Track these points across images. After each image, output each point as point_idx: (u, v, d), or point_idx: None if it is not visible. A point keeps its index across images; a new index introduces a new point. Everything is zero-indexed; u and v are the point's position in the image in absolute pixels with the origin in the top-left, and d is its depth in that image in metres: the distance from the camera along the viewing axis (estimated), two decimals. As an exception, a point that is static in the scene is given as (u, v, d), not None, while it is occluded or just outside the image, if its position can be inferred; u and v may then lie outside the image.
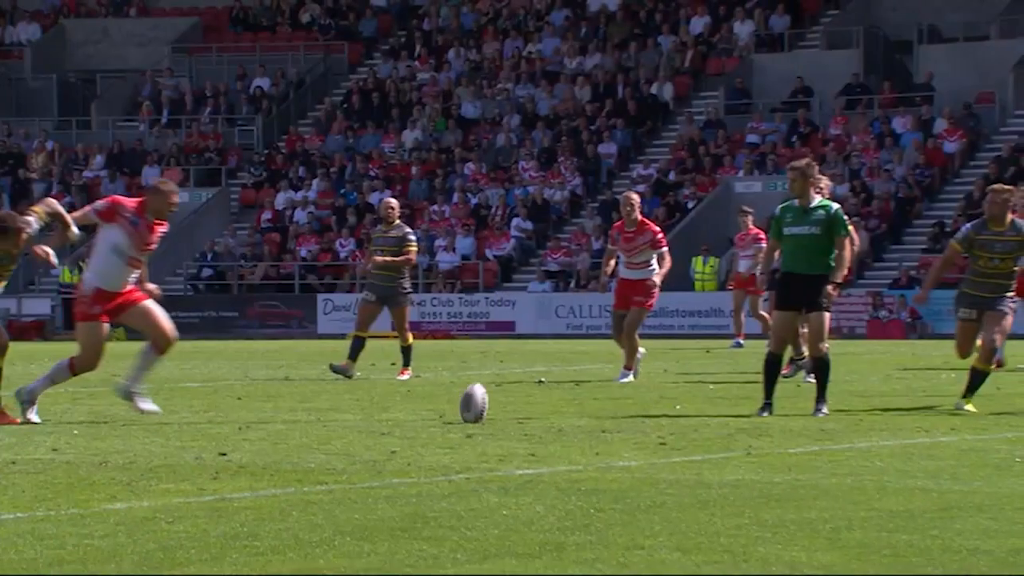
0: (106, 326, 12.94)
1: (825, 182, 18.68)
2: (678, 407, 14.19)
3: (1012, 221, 13.48)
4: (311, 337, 36.39)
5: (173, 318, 13.54)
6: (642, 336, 18.69)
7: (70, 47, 50.78)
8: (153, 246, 13.04)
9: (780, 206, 13.56)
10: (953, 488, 8.80)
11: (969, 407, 13.31)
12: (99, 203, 13.13)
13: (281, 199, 44.29)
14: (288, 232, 42.97)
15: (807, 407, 13.84)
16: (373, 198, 43.50)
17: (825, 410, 13.14)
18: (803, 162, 13.57)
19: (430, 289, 40.51)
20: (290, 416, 13.66)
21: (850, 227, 13.46)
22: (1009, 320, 13.51)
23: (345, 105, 47.13)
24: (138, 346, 13.57)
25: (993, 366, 18.94)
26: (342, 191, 43.72)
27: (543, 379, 18.22)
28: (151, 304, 13.01)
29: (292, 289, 41.29)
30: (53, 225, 13.15)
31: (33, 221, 12.89)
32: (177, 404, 15.05)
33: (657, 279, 17.80)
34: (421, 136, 45.07)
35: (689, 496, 8.56)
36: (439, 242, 41.37)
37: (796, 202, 13.32)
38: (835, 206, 13.40)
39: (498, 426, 12.55)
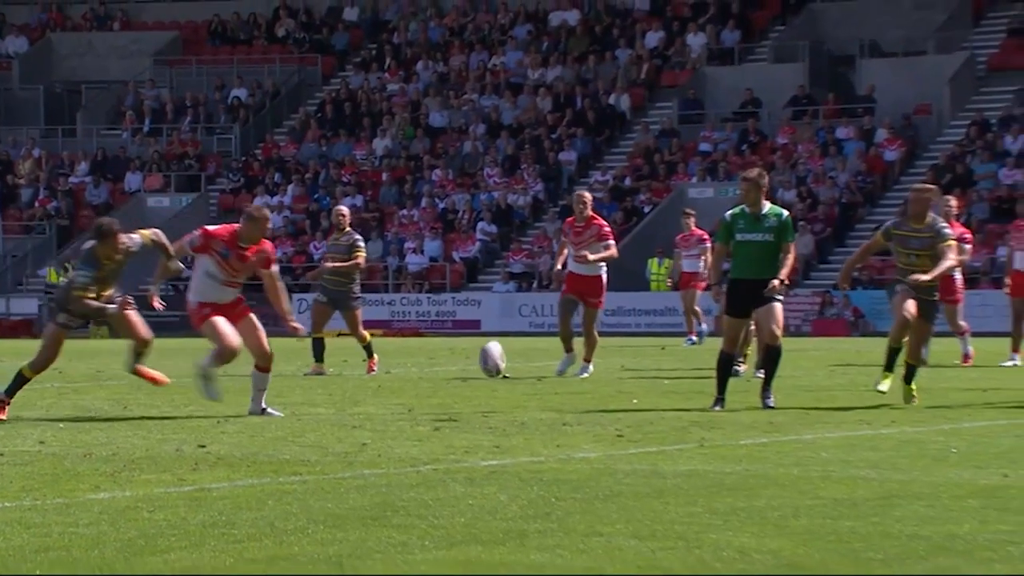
0: (220, 318, 12.67)
1: (954, 201, 18.96)
2: (634, 401, 14.20)
3: (932, 220, 13.24)
4: (286, 335, 36.23)
5: (156, 318, 13.53)
6: (600, 334, 18.70)
7: (56, 59, 50.51)
8: (249, 268, 12.74)
9: (730, 212, 13.37)
10: (893, 477, 8.83)
11: (914, 400, 13.27)
12: (194, 237, 12.75)
13: (258, 204, 44.16)
14: (264, 235, 42.80)
15: (757, 401, 13.86)
16: (346, 203, 43.41)
17: (772, 400, 13.09)
18: (755, 172, 13.37)
19: (399, 289, 40.45)
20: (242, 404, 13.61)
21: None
22: (928, 329, 13.43)
23: (319, 114, 47.01)
24: (118, 344, 13.53)
25: (966, 362, 19.33)
26: (316, 196, 43.61)
27: (508, 375, 18.20)
28: (253, 322, 12.71)
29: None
30: (155, 252, 12.90)
31: (138, 239, 12.59)
32: (158, 399, 14.98)
33: (590, 255, 17.59)
34: (391, 144, 45.00)
35: (645, 486, 8.56)
36: (408, 244, 41.31)
37: (747, 209, 13.19)
38: (785, 213, 13.29)
39: (464, 419, 12.54)
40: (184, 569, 6.39)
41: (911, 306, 13.18)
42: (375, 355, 19.13)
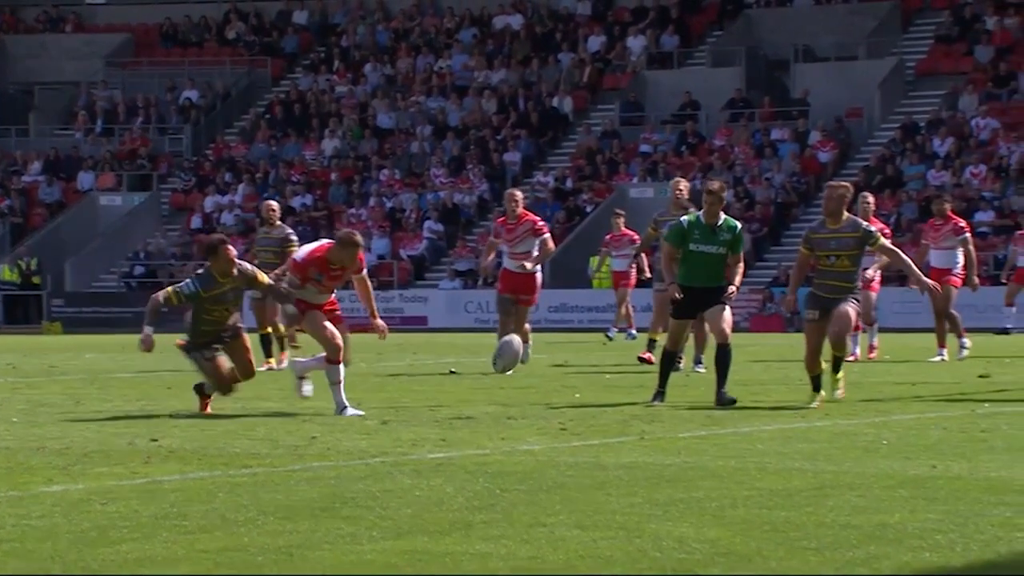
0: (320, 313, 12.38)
1: (871, 198, 18.94)
2: (577, 395, 14.22)
3: (849, 218, 12.70)
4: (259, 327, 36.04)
5: (108, 314, 13.39)
6: (544, 330, 18.70)
7: (10, 61, 50.04)
8: (342, 280, 12.57)
9: (687, 219, 13.15)
10: (827, 469, 8.89)
11: (839, 392, 12.92)
12: (292, 280, 12.40)
13: (209, 203, 43.94)
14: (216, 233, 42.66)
15: (696, 395, 13.94)
16: (295, 202, 43.24)
17: (729, 395, 13.04)
18: (717, 185, 13.12)
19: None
20: (216, 404, 13.55)
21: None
22: (852, 314, 12.56)
23: (268, 116, 46.81)
24: (72, 340, 13.40)
25: (851, 358, 19.24)
26: (266, 195, 43.35)
27: (454, 370, 18.19)
28: (331, 328, 12.52)
29: (219, 286, 40.91)
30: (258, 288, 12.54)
31: (248, 268, 12.24)
32: (111, 393, 14.87)
33: (529, 265, 17.63)
34: (339, 144, 44.87)
35: (587, 477, 8.58)
36: (356, 243, 41.16)
37: (703, 219, 13.03)
38: (739, 226, 13.19)
39: (411, 413, 12.53)
40: (136, 560, 6.34)
41: (815, 344, 12.58)
42: (286, 351, 18.86)
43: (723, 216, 13.09)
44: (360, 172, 43.72)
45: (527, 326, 17.65)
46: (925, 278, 13.35)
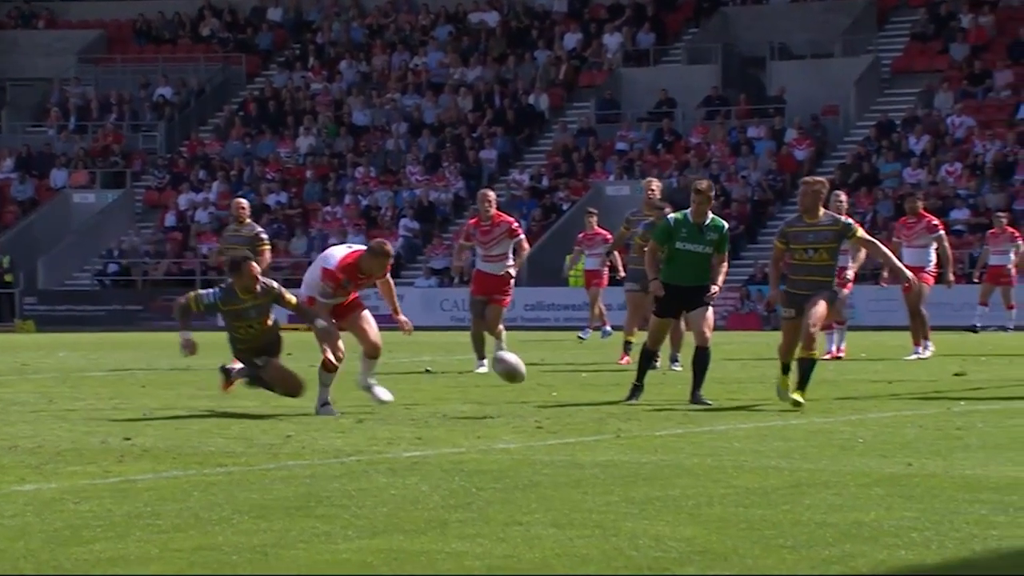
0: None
1: (843, 196, 18.95)
2: (554, 394, 14.23)
3: (827, 213, 12.62)
4: (211, 329, 35.99)
5: (81, 312, 13.31)
6: (520, 328, 18.69)
7: (-19, 57, 49.84)
8: (362, 288, 12.45)
9: (673, 217, 13.12)
10: (803, 467, 8.91)
11: (798, 397, 12.34)
12: (325, 288, 12.14)
13: (183, 200, 43.83)
14: (190, 231, 42.54)
15: (672, 393, 13.95)
16: (270, 199, 43.17)
17: (704, 398, 13.02)
18: (705, 184, 13.09)
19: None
20: (191, 403, 13.51)
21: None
22: (823, 307, 12.35)
23: (243, 113, 46.71)
24: (44, 338, 13.33)
25: (827, 356, 19.24)
26: (240, 193, 43.26)
27: (430, 368, 18.18)
28: (366, 314, 12.40)
29: (193, 284, 40.82)
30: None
31: (274, 286, 12.05)
32: (84, 392, 14.82)
33: (512, 271, 17.64)
34: (315, 142, 44.80)
35: (563, 476, 8.58)
36: (332, 241, 41.12)
37: (691, 218, 13.02)
38: (726, 226, 13.14)
39: (386, 411, 12.52)
40: (109, 560, 6.32)
41: (790, 341, 12.40)
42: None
43: (710, 215, 13.07)
44: (335, 170, 43.66)
45: (500, 327, 17.58)
46: (906, 270, 13.22)
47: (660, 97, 42.72)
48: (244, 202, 19.48)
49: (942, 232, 19.98)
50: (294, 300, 12.30)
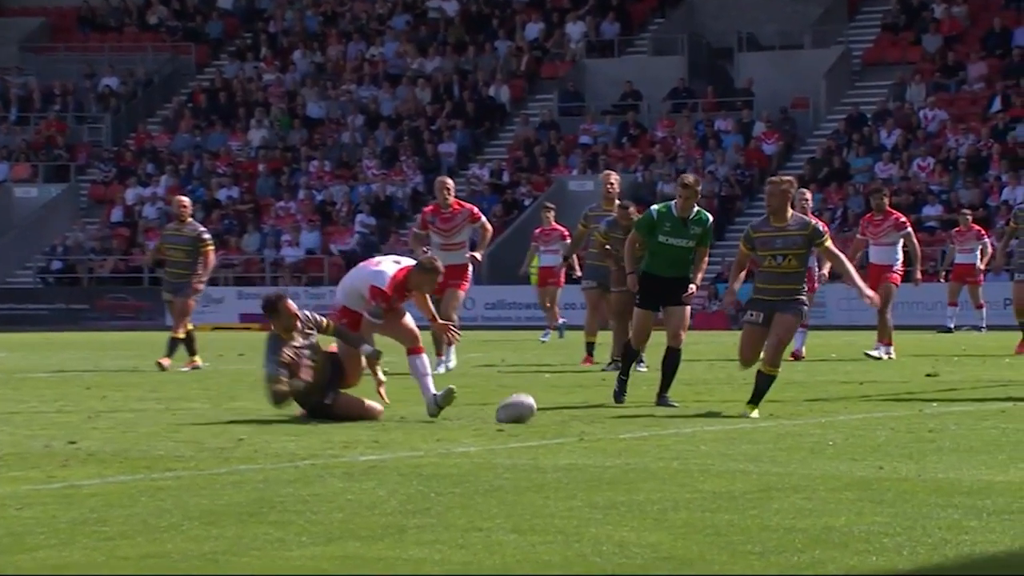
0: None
1: (808, 195, 18.92)
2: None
3: (795, 216, 12.22)
4: (159, 328, 35.89)
5: (23, 311, 13.21)
6: (481, 327, 18.67)
7: (-80, 45, 49.47)
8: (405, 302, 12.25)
9: (657, 210, 13.10)
10: (771, 470, 8.95)
11: (754, 414, 11.97)
12: (375, 310, 11.87)
13: (131, 195, 43.62)
14: (137, 227, 42.34)
15: (638, 395, 13.98)
16: (221, 194, 43.03)
17: (671, 401, 13.05)
18: (692, 178, 13.07)
19: (276, 282, 40.17)
20: (139, 405, 13.46)
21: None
22: (791, 327, 12.09)
23: (192, 104, 46.53)
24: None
25: (790, 357, 19.26)
26: (190, 187, 43.14)
27: (387, 369, 18.15)
28: (407, 318, 12.15)
29: (141, 282, 40.68)
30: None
31: (317, 319, 11.77)
32: (26, 394, 14.74)
33: (479, 255, 17.57)
34: (267, 135, 44.67)
35: (525, 480, 8.60)
36: (285, 237, 41.06)
37: (675, 211, 13.01)
38: (710, 219, 13.14)
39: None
40: (54, 568, 6.29)
41: (751, 346, 12.05)
42: (171, 357, 18.60)
43: (696, 208, 13.09)
44: (289, 164, 43.55)
45: (455, 315, 17.49)
46: (866, 288, 12.70)
47: (625, 89, 42.80)
48: (186, 200, 19.33)
49: (910, 229, 20.03)
50: (333, 326, 11.92)
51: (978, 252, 27.27)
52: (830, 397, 13.98)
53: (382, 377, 12.16)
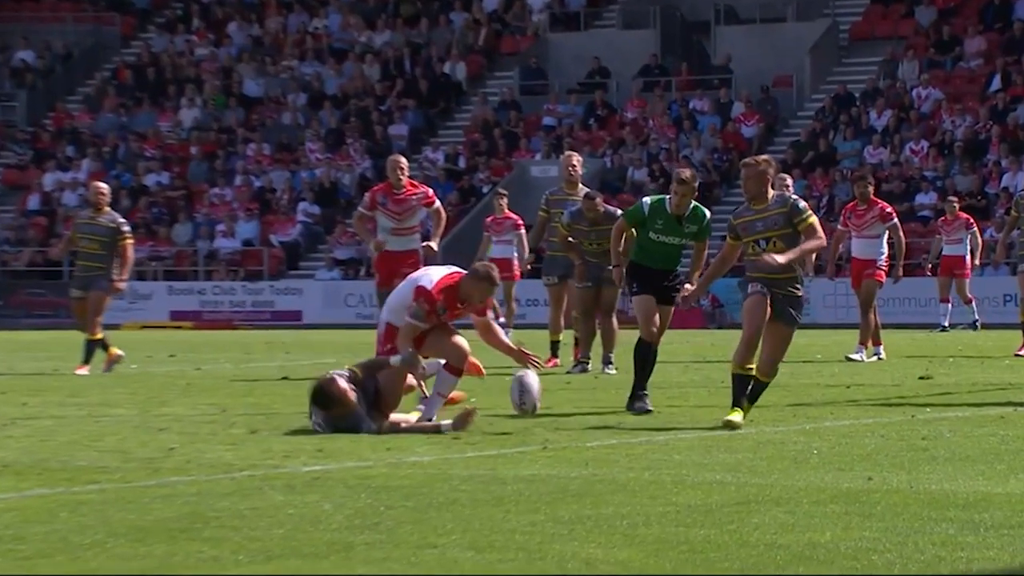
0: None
1: (789, 180, 18.84)
2: (472, 400, 14.26)
3: (776, 195, 11.99)
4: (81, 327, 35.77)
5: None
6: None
7: None
8: (458, 318, 12.16)
9: (650, 203, 13.12)
10: (751, 482, 9.00)
11: (735, 416, 11.73)
12: (417, 311, 11.75)
13: (49, 180, 43.40)
14: (56, 216, 42.12)
15: (606, 399, 14.02)
16: (149, 180, 42.87)
17: (647, 404, 13.07)
18: (688, 173, 13.13)
19: (211, 276, 40.08)
20: (59, 411, 13.42)
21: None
22: (788, 337, 11.78)
23: (117, 81, 46.35)
24: None
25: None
26: (115, 172, 42.99)
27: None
28: (459, 338, 12.06)
29: (60, 276, 40.47)
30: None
31: (353, 389, 11.54)
32: (-65, 400, 14.66)
33: (435, 245, 17.33)
34: (200, 115, 44.54)
35: (483, 492, 8.62)
36: (220, 227, 40.97)
37: (669, 208, 13.02)
38: (707, 216, 13.19)
39: (283, 420, 12.49)
40: (-34, 591, 6.28)
41: (762, 316, 11.63)
42: (90, 362, 18.51)
43: (692, 204, 13.10)
44: (224, 146, 43.44)
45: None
46: (780, 257, 11.66)
47: (592, 66, 42.88)
48: (104, 187, 19.14)
49: (896, 221, 20.04)
50: (359, 370, 11.66)
51: (967, 242, 27.32)
52: (815, 402, 14.06)
53: (426, 391, 12.08)
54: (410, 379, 11.89)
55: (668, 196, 13.17)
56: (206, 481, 9.13)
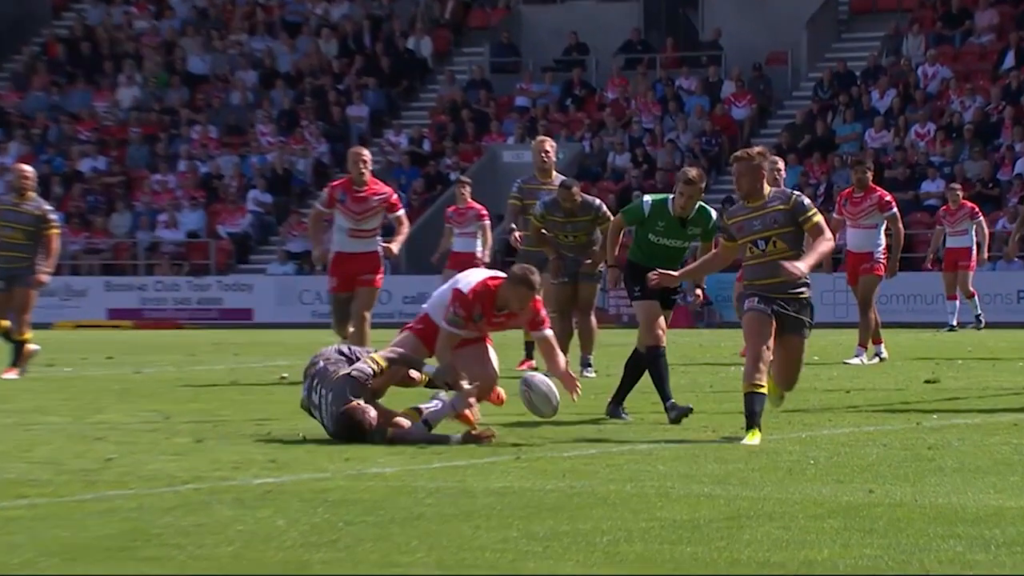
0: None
1: (781, 164, 18.80)
2: (437, 404, 14.26)
3: (775, 191, 11.80)
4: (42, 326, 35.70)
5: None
6: (398, 325, 18.59)
7: None
8: (500, 330, 12.15)
9: (651, 202, 13.14)
10: (742, 495, 9.03)
11: (752, 439, 11.42)
12: (455, 316, 11.72)
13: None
14: (-18, 204, 42.05)
15: (584, 405, 14.02)
16: (84, 165, 42.75)
17: (626, 414, 13.10)
18: (695, 172, 13.12)
19: (152, 271, 40.00)
20: (-14, 419, 13.39)
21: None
22: (803, 348, 11.72)
23: (47, 57, 46.20)
24: None
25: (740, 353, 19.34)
26: (46, 157, 42.85)
27: (286, 375, 18.16)
28: (489, 350, 12.06)
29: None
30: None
31: (367, 370, 11.59)
32: None
33: (396, 247, 17.27)
34: (140, 94, 44.43)
35: (451, 506, 8.63)
36: (162, 217, 40.89)
37: (670, 206, 13.05)
38: (715, 216, 13.16)
39: (232, 428, 12.49)
40: None
41: (766, 332, 11.44)
42: (20, 366, 18.42)
43: (697, 205, 13.12)
44: (166, 129, 43.36)
45: (367, 314, 17.38)
46: (794, 265, 11.43)
47: (569, 42, 42.91)
48: (28, 169, 19.01)
49: (895, 210, 20.04)
50: (383, 362, 11.74)
51: (972, 233, 27.31)
52: (812, 408, 14.10)
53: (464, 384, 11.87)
54: (413, 374, 11.91)
55: (671, 195, 13.20)
56: (147, 495, 9.13)
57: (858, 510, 8.47)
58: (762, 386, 11.55)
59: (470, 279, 12.04)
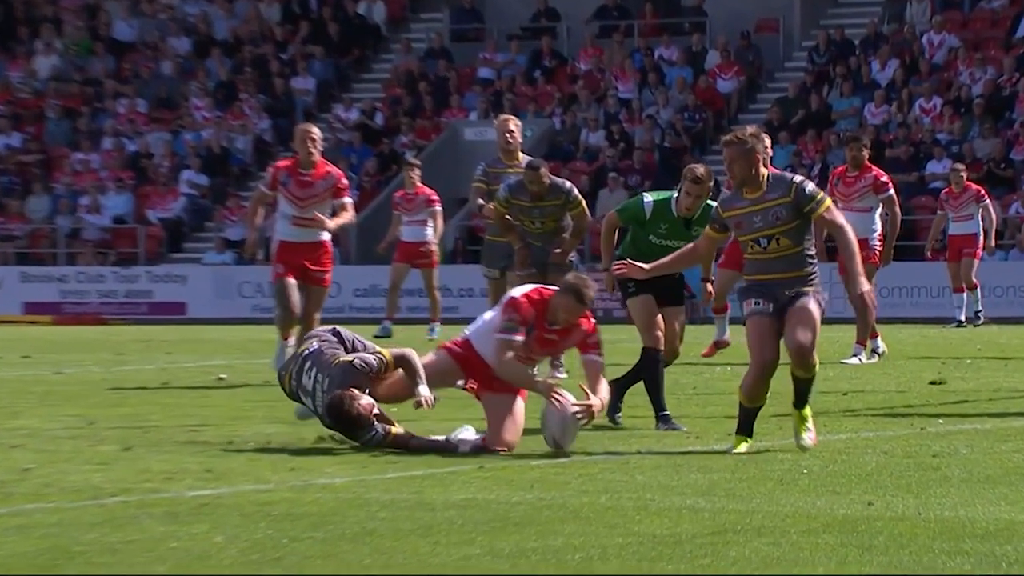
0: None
1: (767, 140, 18.88)
2: (394, 410, 14.27)
3: (774, 177, 11.60)
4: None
5: None
6: (350, 320, 18.63)
7: None
8: (556, 352, 12.28)
9: (652, 202, 13.20)
10: (728, 507, 9.06)
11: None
12: (511, 324, 11.71)
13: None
14: None
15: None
16: (-2, 143, 42.64)
17: (619, 418, 13.16)
18: (703, 170, 13.11)
19: (74, 260, 39.89)
20: None
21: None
22: (817, 315, 11.38)
23: (-40, 22, 46.06)
24: None
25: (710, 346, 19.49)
26: (-43, 133, 42.76)
27: (223, 376, 18.15)
28: (518, 406, 11.94)
29: None
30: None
31: (374, 362, 11.66)
32: None
33: (331, 223, 17.00)
34: (60, 63, 44.31)
35: (407, 521, 8.65)
36: (84, 200, 40.79)
37: (673, 206, 13.11)
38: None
39: (163, 435, 12.49)
40: None
41: (772, 343, 11.38)
42: None
43: (704, 202, 13.14)
44: (89, 102, 43.26)
45: (318, 315, 17.37)
46: (863, 280, 11.63)
47: (537, 7, 42.92)
48: None
49: (892, 192, 20.09)
50: (390, 358, 11.90)
51: (978, 218, 27.28)
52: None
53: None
54: (424, 391, 11.90)
55: (674, 195, 13.23)
56: (69, 509, 9.13)
57: (856, 524, 8.50)
58: (761, 405, 11.56)
59: (522, 288, 12.17)
